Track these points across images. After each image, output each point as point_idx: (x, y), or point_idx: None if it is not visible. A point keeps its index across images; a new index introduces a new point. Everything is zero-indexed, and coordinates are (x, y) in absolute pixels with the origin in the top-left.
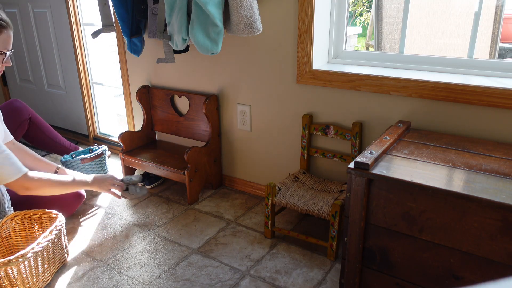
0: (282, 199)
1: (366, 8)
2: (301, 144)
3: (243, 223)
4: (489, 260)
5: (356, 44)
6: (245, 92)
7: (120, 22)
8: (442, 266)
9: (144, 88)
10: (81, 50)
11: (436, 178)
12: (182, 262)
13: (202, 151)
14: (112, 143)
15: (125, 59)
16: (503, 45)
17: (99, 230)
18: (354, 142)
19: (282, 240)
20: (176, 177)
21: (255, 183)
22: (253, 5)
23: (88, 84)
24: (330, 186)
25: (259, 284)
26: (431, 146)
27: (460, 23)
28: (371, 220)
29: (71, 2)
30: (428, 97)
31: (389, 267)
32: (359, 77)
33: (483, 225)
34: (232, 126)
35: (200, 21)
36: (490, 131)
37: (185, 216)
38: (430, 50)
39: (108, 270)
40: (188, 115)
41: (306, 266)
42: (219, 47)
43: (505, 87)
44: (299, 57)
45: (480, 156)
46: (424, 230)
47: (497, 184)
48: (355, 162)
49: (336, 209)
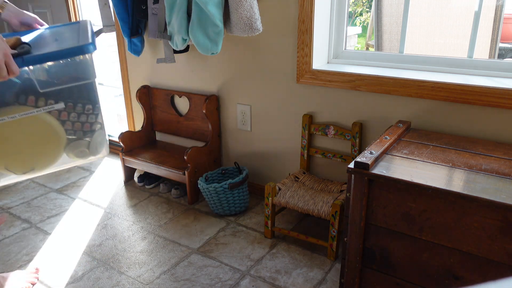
0: (282, 199)
1: (366, 8)
2: (301, 144)
3: (243, 223)
4: (489, 260)
5: (356, 44)
6: (245, 92)
7: (120, 22)
8: (442, 266)
9: (144, 88)
10: None
11: (436, 178)
12: (182, 262)
13: (202, 151)
14: (112, 143)
15: (125, 59)
16: (503, 45)
17: (99, 230)
18: (354, 142)
19: (282, 240)
20: (176, 177)
21: (255, 183)
22: (253, 5)
23: None
24: (330, 186)
25: (259, 284)
26: (431, 146)
27: (460, 23)
28: (371, 220)
29: (71, 2)
30: (428, 97)
31: (389, 267)
32: (359, 77)
33: (483, 225)
34: (232, 126)
35: (200, 21)
36: (490, 131)
37: (185, 216)
38: (430, 50)
39: (108, 270)
40: (188, 115)
41: (306, 266)
42: (219, 47)
43: (505, 87)
44: (299, 57)
45: (480, 156)
46: (424, 230)
47: (497, 184)
48: (355, 162)
49: (336, 209)
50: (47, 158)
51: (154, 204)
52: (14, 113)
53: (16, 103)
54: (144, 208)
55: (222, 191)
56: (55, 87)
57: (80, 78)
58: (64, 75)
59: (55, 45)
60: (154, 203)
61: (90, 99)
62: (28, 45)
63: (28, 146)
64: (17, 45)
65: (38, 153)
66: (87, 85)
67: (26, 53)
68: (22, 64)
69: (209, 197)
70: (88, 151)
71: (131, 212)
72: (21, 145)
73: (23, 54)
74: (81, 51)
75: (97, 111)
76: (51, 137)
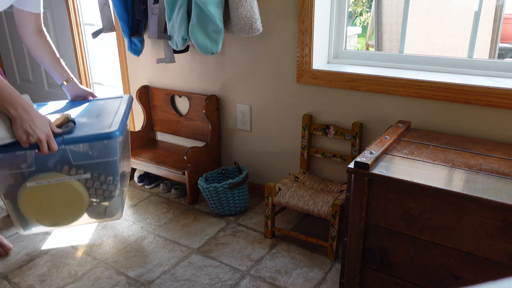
0: (282, 199)
1: (366, 8)
2: (301, 144)
3: (243, 223)
4: (489, 260)
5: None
6: (245, 92)
7: (120, 22)
8: (442, 266)
9: (144, 88)
10: (81, 50)
11: (436, 178)
12: (182, 262)
13: (202, 151)
14: None
15: (125, 59)
16: (503, 45)
17: (99, 230)
18: (354, 142)
19: (282, 240)
20: (176, 177)
21: (255, 183)
22: (253, 5)
23: (88, 84)
24: (330, 186)
25: (259, 284)
26: (431, 146)
27: (460, 23)
28: (371, 220)
29: (71, 2)
30: (428, 97)
31: (389, 267)
32: (359, 77)
33: (483, 225)
34: (232, 126)
35: (200, 21)
36: (490, 131)
37: (185, 216)
38: (430, 50)
39: (108, 270)
40: (188, 115)
41: (306, 266)
42: (219, 47)
43: (505, 87)
44: (299, 57)
45: (480, 156)
46: (424, 230)
47: (497, 184)
48: (355, 162)
49: (336, 209)
50: (71, 216)
51: (154, 204)
52: (51, 178)
53: (54, 170)
54: (144, 208)
55: (222, 191)
56: (85, 161)
57: (105, 155)
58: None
59: (96, 121)
60: (154, 203)
61: (112, 172)
62: (74, 122)
63: (57, 205)
64: (64, 123)
65: (65, 211)
66: (111, 161)
67: (69, 132)
68: (61, 143)
69: (209, 197)
70: (105, 213)
71: (131, 212)
72: (52, 204)
73: (66, 133)
74: (107, 137)
75: (117, 182)
76: (77, 199)
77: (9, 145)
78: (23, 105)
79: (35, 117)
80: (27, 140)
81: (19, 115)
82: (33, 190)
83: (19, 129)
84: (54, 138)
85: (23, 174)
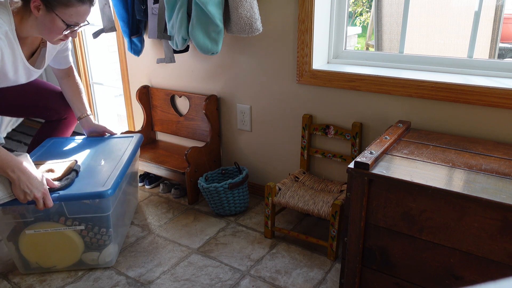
0: (282, 199)
1: (366, 8)
2: (301, 144)
3: (243, 223)
4: (489, 260)
5: (356, 44)
6: (245, 92)
7: (120, 22)
8: (442, 266)
9: (144, 88)
10: (81, 50)
11: (436, 178)
12: (182, 262)
13: (202, 151)
14: None
15: (125, 59)
16: (503, 45)
17: None
18: (354, 142)
19: (282, 240)
20: (176, 177)
21: (255, 183)
22: (253, 5)
23: (88, 84)
24: (330, 186)
25: (259, 284)
26: (431, 146)
27: (460, 23)
28: (371, 220)
29: None
30: (428, 97)
31: (389, 267)
32: (359, 77)
33: (483, 225)
34: (232, 126)
35: (200, 21)
36: (490, 131)
37: (185, 216)
38: (430, 50)
39: (108, 270)
40: (188, 115)
41: (306, 266)
42: (219, 47)
43: (505, 87)
44: (299, 57)
45: (480, 156)
46: (424, 230)
47: (497, 184)
48: (355, 162)
49: (336, 209)
50: (67, 260)
51: (154, 204)
52: (48, 228)
53: (51, 220)
54: (144, 208)
55: (222, 191)
56: (80, 215)
57: (98, 211)
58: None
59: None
60: (154, 203)
61: (105, 225)
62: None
63: (54, 251)
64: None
65: (61, 256)
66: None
67: (68, 184)
68: (56, 200)
69: (209, 197)
70: (98, 260)
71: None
72: (49, 249)
73: (65, 187)
74: (99, 196)
75: (110, 234)
76: (72, 247)
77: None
78: (20, 167)
79: (32, 178)
80: (24, 198)
81: (17, 177)
82: (32, 236)
83: (17, 189)
84: (50, 195)
85: (24, 222)
